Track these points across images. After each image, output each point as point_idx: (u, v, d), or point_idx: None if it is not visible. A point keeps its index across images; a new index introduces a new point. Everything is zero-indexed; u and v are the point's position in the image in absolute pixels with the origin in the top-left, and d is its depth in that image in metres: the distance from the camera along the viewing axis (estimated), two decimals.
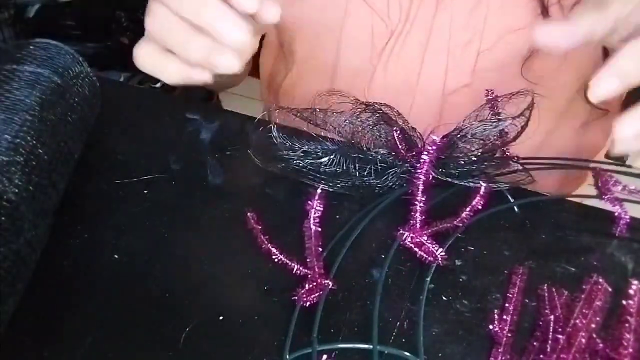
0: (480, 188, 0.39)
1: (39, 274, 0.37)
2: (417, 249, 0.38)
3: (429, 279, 0.36)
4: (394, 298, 0.37)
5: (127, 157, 0.46)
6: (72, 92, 0.42)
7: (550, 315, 0.34)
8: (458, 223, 0.39)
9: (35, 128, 0.37)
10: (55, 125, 0.39)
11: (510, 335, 0.34)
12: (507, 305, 0.36)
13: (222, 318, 0.36)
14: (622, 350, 0.31)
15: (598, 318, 0.33)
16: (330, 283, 0.36)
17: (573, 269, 0.38)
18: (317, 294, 0.36)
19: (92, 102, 0.44)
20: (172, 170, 0.45)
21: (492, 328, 0.35)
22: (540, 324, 0.35)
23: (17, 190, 0.34)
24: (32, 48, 0.42)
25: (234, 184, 0.44)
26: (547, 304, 0.35)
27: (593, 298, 0.34)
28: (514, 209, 0.42)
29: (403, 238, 0.38)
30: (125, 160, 0.45)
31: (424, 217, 0.38)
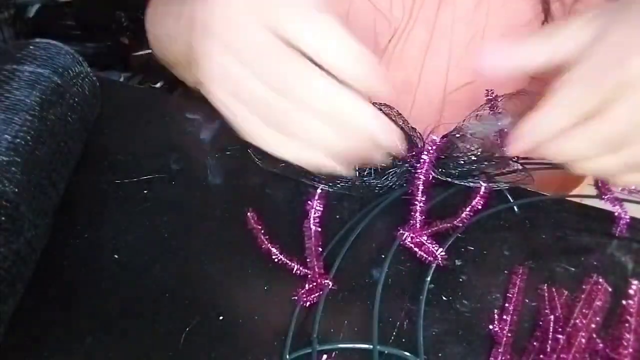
0: (481, 188, 0.39)
1: (39, 274, 0.37)
2: (417, 249, 0.38)
3: (429, 279, 0.36)
4: (394, 298, 0.37)
5: (127, 157, 0.46)
6: (72, 92, 0.42)
7: (551, 315, 0.34)
8: (458, 223, 0.39)
9: (35, 128, 0.37)
10: (55, 125, 0.39)
11: (510, 335, 0.34)
12: (507, 305, 0.36)
13: (222, 318, 0.36)
14: (622, 350, 0.31)
15: (598, 318, 0.33)
16: (330, 283, 0.36)
17: (573, 269, 0.38)
18: (317, 294, 0.36)
19: (92, 102, 0.44)
20: (172, 170, 0.45)
21: (492, 328, 0.35)
22: (541, 324, 0.35)
23: (17, 190, 0.34)
24: (32, 48, 0.42)
25: (234, 184, 0.44)
26: (547, 304, 0.35)
27: (593, 298, 0.34)
28: (514, 209, 0.42)
29: (403, 238, 0.38)
30: (125, 160, 0.45)
31: (424, 217, 0.38)
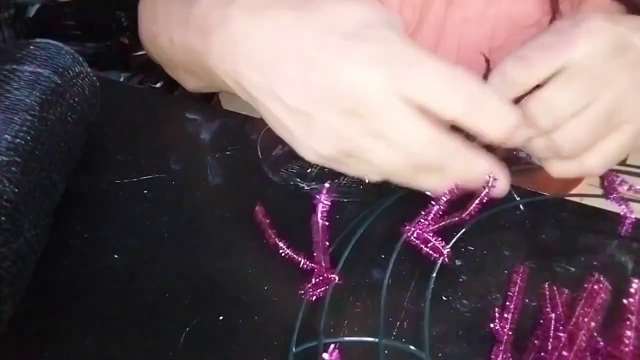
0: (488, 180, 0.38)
1: (39, 274, 0.37)
2: (422, 246, 0.38)
3: (435, 275, 0.36)
4: (400, 293, 0.36)
5: (127, 157, 0.46)
6: (72, 92, 0.42)
7: (552, 314, 0.34)
8: (465, 216, 0.38)
9: (35, 128, 0.37)
10: (55, 125, 0.39)
11: (511, 334, 0.34)
12: (507, 304, 0.35)
13: (222, 318, 0.35)
14: (623, 349, 0.31)
15: (599, 317, 0.33)
16: (337, 277, 0.36)
17: (573, 269, 0.38)
18: (323, 288, 0.36)
19: (92, 102, 0.44)
20: (172, 170, 0.45)
21: (492, 326, 0.35)
22: (542, 322, 0.35)
23: (17, 190, 0.34)
24: (32, 48, 0.42)
25: (234, 184, 0.44)
26: (548, 303, 0.35)
27: (594, 296, 0.34)
28: (514, 209, 0.42)
29: (409, 233, 0.38)
30: (125, 160, 0.45)
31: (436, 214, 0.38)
